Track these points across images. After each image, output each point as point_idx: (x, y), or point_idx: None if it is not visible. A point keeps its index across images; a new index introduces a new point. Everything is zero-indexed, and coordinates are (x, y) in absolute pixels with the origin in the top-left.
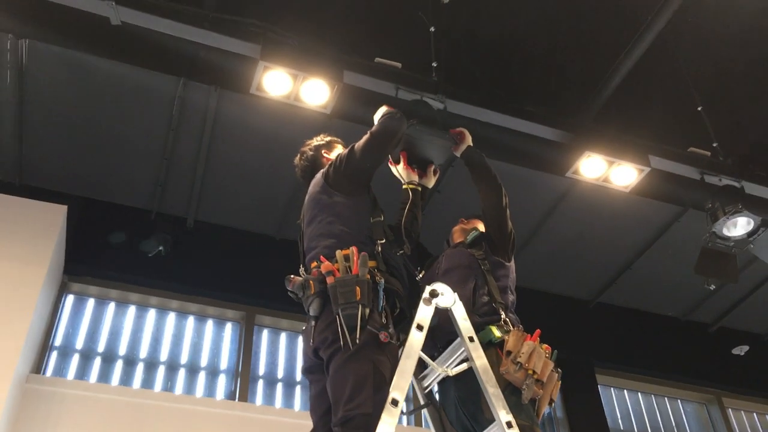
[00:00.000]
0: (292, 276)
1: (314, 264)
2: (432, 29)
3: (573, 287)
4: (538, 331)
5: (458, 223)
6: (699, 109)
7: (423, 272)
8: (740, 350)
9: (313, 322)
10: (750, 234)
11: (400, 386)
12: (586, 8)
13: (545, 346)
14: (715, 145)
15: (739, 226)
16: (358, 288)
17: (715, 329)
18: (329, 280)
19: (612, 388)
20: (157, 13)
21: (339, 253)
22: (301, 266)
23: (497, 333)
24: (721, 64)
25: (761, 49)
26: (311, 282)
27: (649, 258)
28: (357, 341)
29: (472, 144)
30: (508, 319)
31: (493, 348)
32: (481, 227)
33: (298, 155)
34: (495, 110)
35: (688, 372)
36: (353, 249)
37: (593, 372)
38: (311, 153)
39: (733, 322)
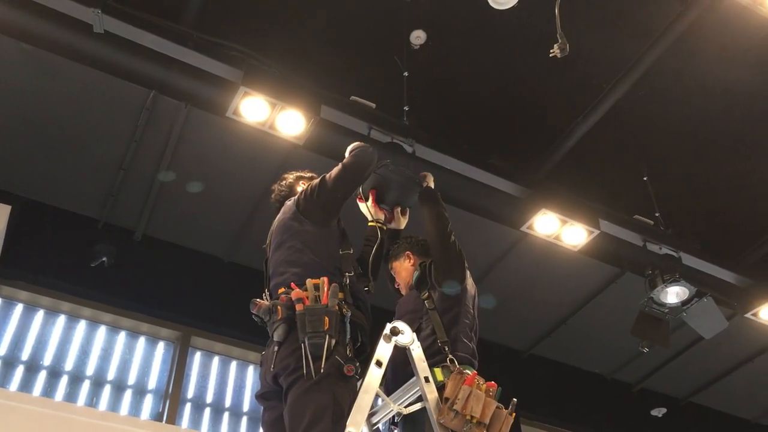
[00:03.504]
0: (257, 300)
1: (282, 290)
2: (405, 74)
3: (509, 337)
4: (474, 373)
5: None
6: (645, 178)
7: None
8: (659, 412)
9: (275, 348)
10: (684, 303)
11: (356, 421)
12: (550, 71)
13: (488, 383)
14: (657, 214)
15: (675, 294)
16: (326, 318)
17: (637, 390)
18: (298, 307)
19: None
20: (141, 26)
21: (309, 282)
22: (265, 290)
23: (440, 377)
24: (668, 139)
25: (705, 129)
26: (279, 307)
27: (584, 315)
28: (321, 371)
29: (432, 186)
30: (454, 357)
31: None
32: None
33: (278, 181)
34: (460, 159)
35: (608, 429)
36: (324, 279)
37: (518, 422)
38: (291, 180)
39: (654, 384)
